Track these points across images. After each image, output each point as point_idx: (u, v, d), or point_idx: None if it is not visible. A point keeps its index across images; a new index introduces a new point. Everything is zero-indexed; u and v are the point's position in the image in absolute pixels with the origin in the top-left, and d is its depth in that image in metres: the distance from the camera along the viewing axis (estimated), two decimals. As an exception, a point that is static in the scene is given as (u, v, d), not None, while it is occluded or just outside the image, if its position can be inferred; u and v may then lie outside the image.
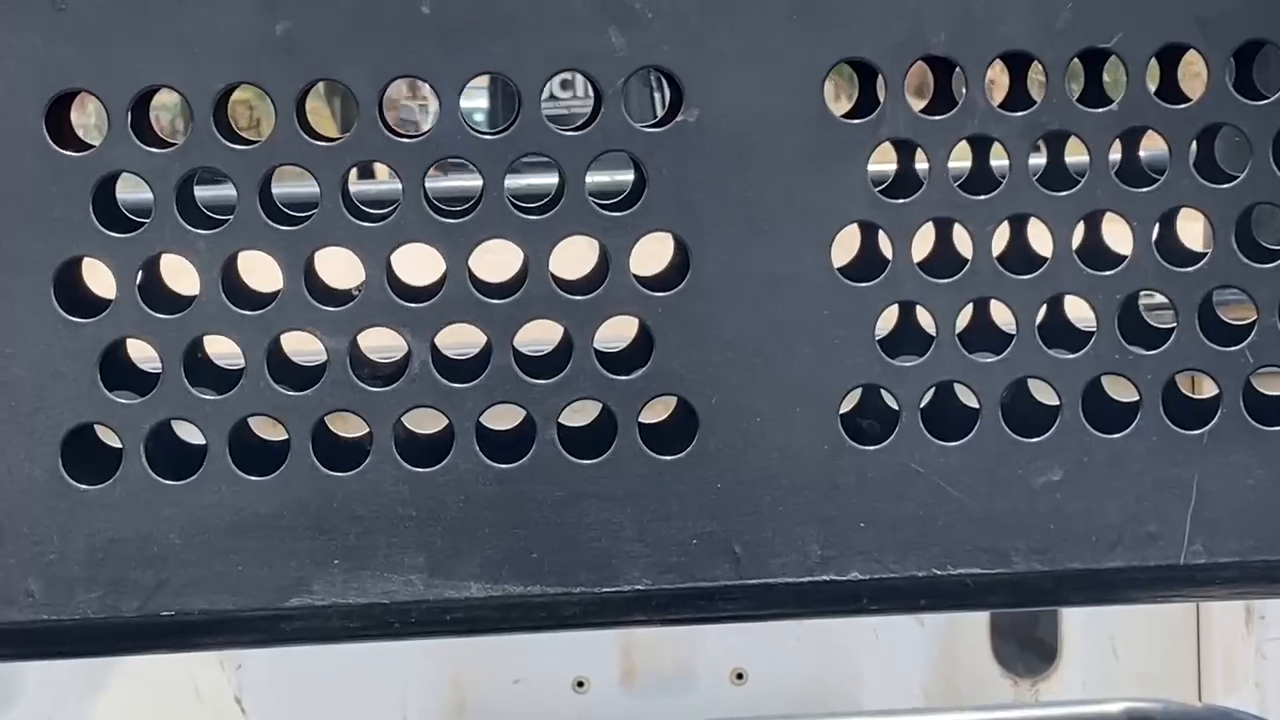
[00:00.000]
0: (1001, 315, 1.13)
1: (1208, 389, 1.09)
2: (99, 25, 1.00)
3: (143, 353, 1.06)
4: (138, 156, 1.02)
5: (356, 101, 1.03)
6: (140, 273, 1.03)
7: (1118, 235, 1.10)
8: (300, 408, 1.04)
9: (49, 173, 1.01)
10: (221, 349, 1.09)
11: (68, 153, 1.01)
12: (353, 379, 1.04)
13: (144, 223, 1.03)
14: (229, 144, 1.02)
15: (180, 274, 1.08)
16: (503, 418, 1.08)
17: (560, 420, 1.06)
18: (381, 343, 1.08)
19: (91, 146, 1.02)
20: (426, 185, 1.04)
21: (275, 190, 1.09)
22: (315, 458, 1.04)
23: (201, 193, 1.10)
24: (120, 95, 1.01)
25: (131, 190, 1.07)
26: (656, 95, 9.22)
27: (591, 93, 1.05)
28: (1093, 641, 3.56)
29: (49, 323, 1.02)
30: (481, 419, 1.06)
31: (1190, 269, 1.05)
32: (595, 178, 1.04)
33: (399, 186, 1.03)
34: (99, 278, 1.05)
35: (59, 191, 1.01)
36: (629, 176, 1.06)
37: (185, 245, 1.02)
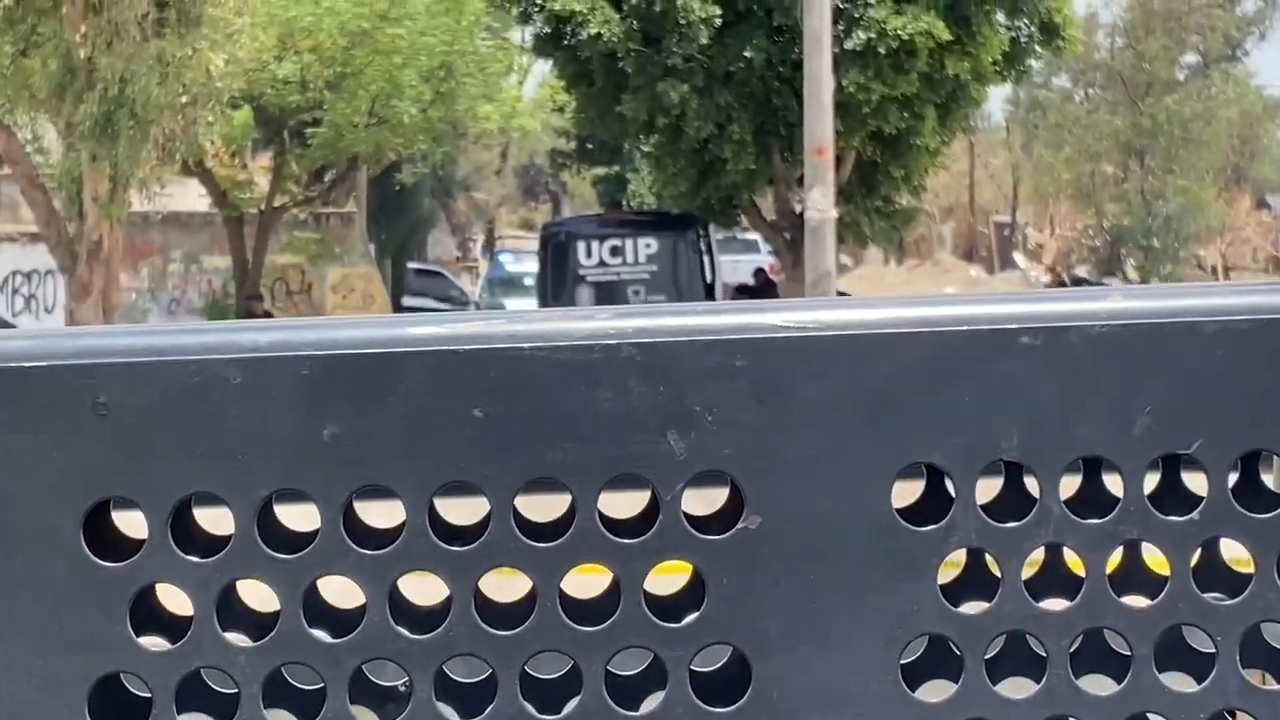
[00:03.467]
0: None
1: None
2: (140, 431, 0.97)
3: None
4: (178, 567, 0.98)
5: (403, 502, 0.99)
6: (178, 684, 0.99)
7: (1200, 639, 1.04)
8: (341, 829, 0.99)
9: (85, 585, 0.97)
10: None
11: (105, 563, 0.98)
12: (397, 800, 0.99)
13: (187, 620, 1.00)
14: (273, 553, 0.98)
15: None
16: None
17: None
18: None
19: (133, 550, 0.99)
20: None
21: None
22: None
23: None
24: (160, 504, 0.98)
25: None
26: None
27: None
28: None
29: None
30: None
31: (1277, 687, 0.99)
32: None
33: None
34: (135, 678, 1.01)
35: (95, 603, 0.97)
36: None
37: (227, 660, 0.98)
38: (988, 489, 1.05)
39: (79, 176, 17.57)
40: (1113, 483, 1.04)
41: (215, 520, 1.07)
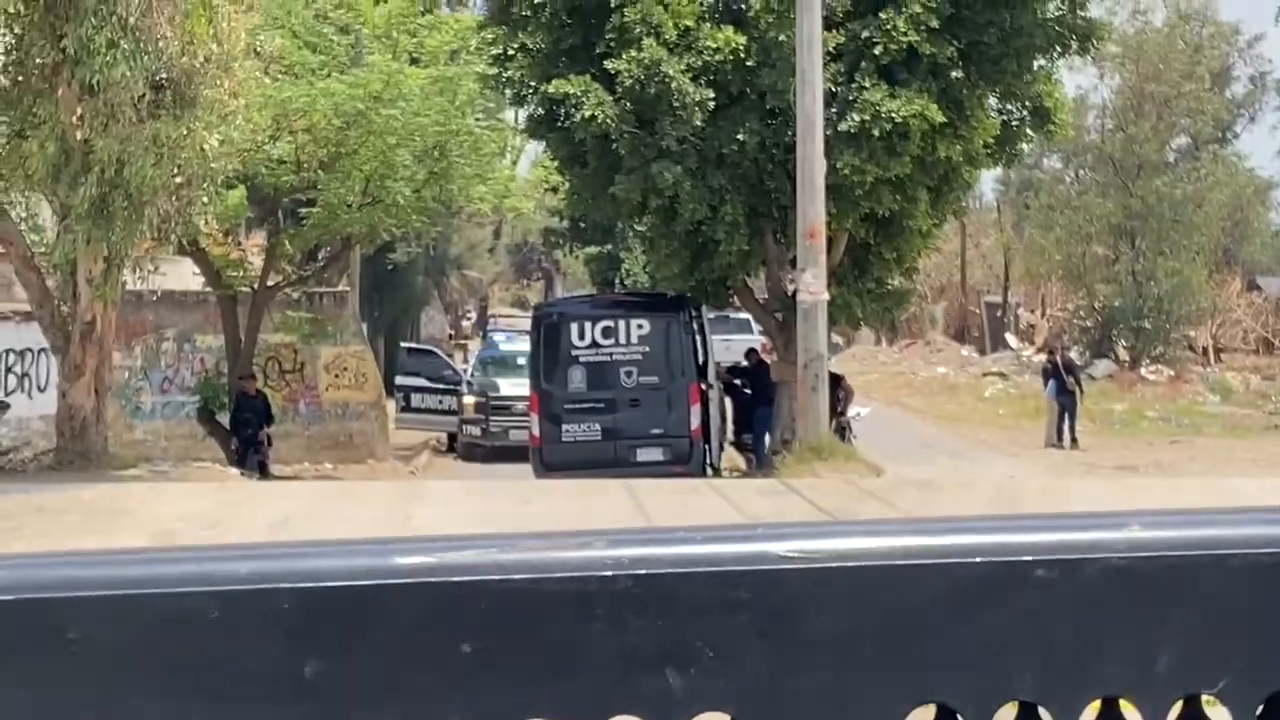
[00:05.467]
0: None
1: None
2: (113, 670, 0.92)
3: None
4: (150, 814, 0.93)
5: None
6: None
7: None
8: None
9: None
10: None
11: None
12: None
13: None
14: (250, 793, 0.93)
15: None
16: None
17: None
18: None
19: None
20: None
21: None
22: None
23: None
24: (133, 745, 0.93)
25: None
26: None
27: None
28: None
29: None
30: None
31: None
32: None
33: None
34: None
35: None
36: None
37: None
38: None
39: (74, 259, 17.55)
40: (1131, 709, 1.00)
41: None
